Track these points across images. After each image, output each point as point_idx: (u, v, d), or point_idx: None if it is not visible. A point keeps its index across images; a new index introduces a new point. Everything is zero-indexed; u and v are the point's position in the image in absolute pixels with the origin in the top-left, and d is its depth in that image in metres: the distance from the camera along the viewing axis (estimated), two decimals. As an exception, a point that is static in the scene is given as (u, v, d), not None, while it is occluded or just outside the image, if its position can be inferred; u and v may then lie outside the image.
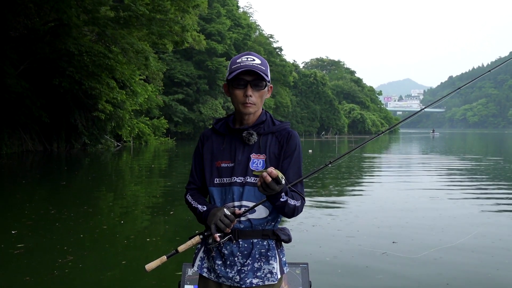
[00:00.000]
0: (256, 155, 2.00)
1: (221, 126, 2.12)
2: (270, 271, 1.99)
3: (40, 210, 8.32)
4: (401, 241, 6.14)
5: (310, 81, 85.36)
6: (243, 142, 2.03)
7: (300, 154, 2.06)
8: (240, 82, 1.97)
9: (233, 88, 1.99)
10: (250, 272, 1.97)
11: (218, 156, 2.05)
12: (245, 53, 2.02)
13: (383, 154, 28.51)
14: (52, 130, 26.00)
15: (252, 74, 1.96)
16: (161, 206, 9.20)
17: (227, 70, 2.03)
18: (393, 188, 12.09)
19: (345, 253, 5.57)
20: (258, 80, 1.97)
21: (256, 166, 1.98)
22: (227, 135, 2.08)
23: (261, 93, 2.01)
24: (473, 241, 6.12)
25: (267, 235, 2.01)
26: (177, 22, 21.18)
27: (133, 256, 5.55)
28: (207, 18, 49.08)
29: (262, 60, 2.01)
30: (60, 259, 5.21)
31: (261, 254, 2.00)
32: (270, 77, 2.06)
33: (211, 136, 2.13)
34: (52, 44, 22.61)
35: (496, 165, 19.01)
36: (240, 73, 1.95)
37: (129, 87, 28.98)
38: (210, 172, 2.06)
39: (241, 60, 1.97)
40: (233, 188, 1.98)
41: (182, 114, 47.31)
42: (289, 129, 2.10)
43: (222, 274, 1.99)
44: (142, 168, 17.99)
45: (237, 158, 2.01)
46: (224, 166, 2.02)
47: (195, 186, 2.16)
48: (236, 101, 2.00)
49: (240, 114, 2.04)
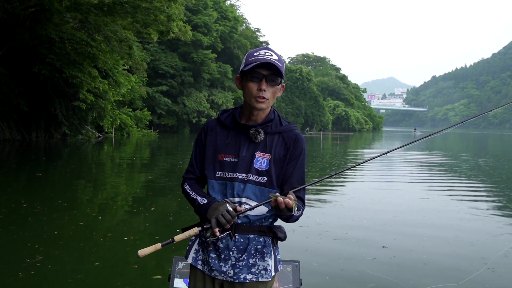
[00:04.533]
0: (261, 153, 1.99)
1: (227, 118, 2.08)
2: (265, 268, 1.99)
3: (12, 204, 7.85)
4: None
5: (296, 76, 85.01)
6: (249, 139, 2.00)
7: (304, 158, 2.05)
8: (255, 75, 1.93)
9: (248, 81, 1.95)
10: (244, 268, 1.96)
11: (221, 149, 2.02)
12: (263, 48, 1.99)
13: (368, 150, 28.43)
14: (31, 119, 25.23)
15: (269, 68, 1.92)
16: (141, 201, 8.81)
17: (242, 62, 1.99)
18: (375, 187, 11.87)
19: (334, 259, 5.27)
20: (274, 75, 1.94)
21: (260, 164, 1.97)
22: (233, 129, 2.04)
23: (274, 89, 1.97)
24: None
25: (263, 231, 2.00)
26: (163, 11, 20.59)
27: (107, 257, 5.17)
28: (193, 9, 48.32)
29: (279, 57, 1.97)
30: (29, 258, 4.80)
31: (256, 250, 1.99)
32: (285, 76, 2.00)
33: (216, 127, 2.08)
34: (32, 30, 21.78)
35: (469, 161, 19.03)
36: (256, 66, 1.91)
37: (112, 77, 28.32)
38: (213, 164, 2.03)
39: (259, 53, 1.94)
40: (234, 184, 1.96)
41: (166, 106, 46.59)
42: (296, 131, 2.07)
43: (216, 267, 1.97)
44: (123, 161, 17.52)
45: (241, 154, 1.99)
46: (227, 160, 2.00)
47: (194, 176, 2.12)
48: (248, 94, 1.96)
49: (249, 109, 2.00)
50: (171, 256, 3.14)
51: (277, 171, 1.99)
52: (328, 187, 11.22)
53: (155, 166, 16.22)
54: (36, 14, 22.06)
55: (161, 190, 10.34)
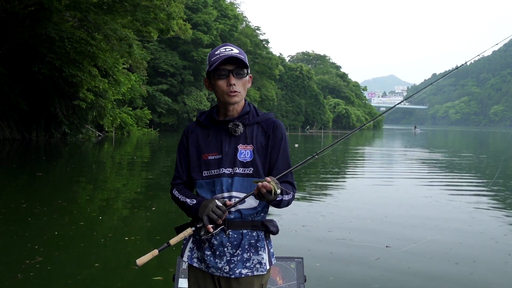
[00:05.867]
0: (243, 145, 2.01)
1: (205, 118, 2.12)
2: (260, 262, 2.01)
3: (11, 204, 7.78)
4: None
5: (296, 74, 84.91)
6: (229, 134, 2.03)
7: (287, 143, 2.08)
8: (222, 73, 1.98)
9: (216, 79, 2.00)
10: (239, 263, 1.98)
11: (204, 149, 2.05)
12: (222, 45, 2.04)
13: (370, 147, 28.36)
14: (31, 118, 25.11)
15: (233, 63, 1.97)
16: (142, 200, 8.76)
17: (207, 64, 2.04)
18: (377, 184, 11.80)
19: (336, 256, 5.21)
20: (240, 68, 1.98)
21: (244, 156, 1.99)
22: (212, 127, 2.07)
23: (243, 81, 2.02)
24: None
25: (256, 226, 2.02)
26: (162, 9, 20.48)
27: (107, 258, 5.11)
28: (193, 7, 48.19)
29: (240, 50, 2.02)
30: (28, 259, 4.74)
31: (250, 245, 2.01)
32: (249, 67, 2.05)
33: (195, 129, 2.13)
34: (32, 29, 21.66)
35: (472, 158, 18.96)
36: (220, 63, 1.95)
37: (112, 76, 28.19)
38: (198, 165, 2.05)
39: (220, 51, 1.98)
40: (222, 180, 1.99)
41: (166, 105, 46.47)
42: (274, 119, 2.10)
43: (212, 264, 1.99)
44: (123, 160, 17.46)
45: (224, 150, 2.01)
46: (212, 159, 2.02)
47: (181, 181, 2.13)
48: (220, 92, 2.00)
49: (224, 105, 2.03)
50: (172, 257, 3.09)
51: (261, 160, 2.03)
52: (330, 186, 11.16)
53: (155, 165, 16.15)
54: (35, 13, 21.94)
55: (161, 189, 10.28)
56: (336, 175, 13.85)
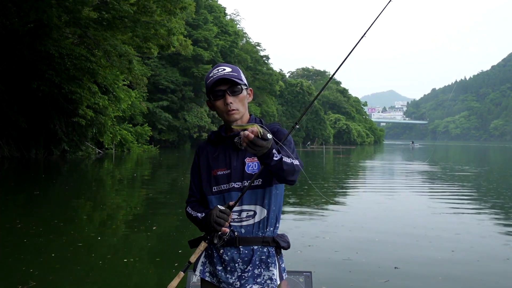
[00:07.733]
0: (250, 158, 2.03)
1: (215, 136, 2.16)
2: (270, 278, 2.01)
3: (6, 224, 7.53)
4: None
5: (296, 90, 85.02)
6: (236, 148, 2.06)
7: (291, 142, 2.01)
8: (217, 94, 2.04)
9: (214, 100, 2.06)
10: (250, 279, 1.99)
11: (213, 165, 2.08)
12: (215, 66, 2.09)
13: (370, 160, 28.13)
14: (30, 135, 24.94)
15: (226, 82, 2.02)
16: (142, 219, 8.50)
17: (205, 87, 2.10)
18: (383, 201, 11.54)
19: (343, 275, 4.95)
20: (233, 86, 2.03)
21: (252, 169, 2.02)
22: (220, 143, 2.12)
23: (240, 97, 2.05)
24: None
25: (267, 242, 2.04)
26: (163, 25, 20.45)
27: (104, 281, 4.84)
28: (193, 24, 48.42)
29: (233, 67, 2.07)
30: (21, 284, 4.48)
31: (261, 261, 2.02)
32: (246, 81, 2.10)
33: (206, 148, 2.17)
34: (31, 46, 21.60)
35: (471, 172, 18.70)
36: (214, 85, 2.02)
37: (112, 93, 28.13)
38: (208, 181, 2.09)
39: (213, 73, 2.04)
40: (232, 194, 2.02)
41: (167, 121, 46.40)
42: (278, 127, 2.10)
43: (223, 279, 2.02)
44: (123, 177, 17.21)
45: (232, 164, 2.04)
46: (221, 174, 2.06)
47: (195, 199, 2.17)
48: (220, 111, 2.07)
49: (228, 123, 2.07)
50: (172, 272, 2.86)
51: None
52: (337, 203, 10.89)
53: (156, 183, 15.91)
54: (35, 30, 21.90)
55: (162, 207, 10.02)
56: (346, 191, 13.59)
